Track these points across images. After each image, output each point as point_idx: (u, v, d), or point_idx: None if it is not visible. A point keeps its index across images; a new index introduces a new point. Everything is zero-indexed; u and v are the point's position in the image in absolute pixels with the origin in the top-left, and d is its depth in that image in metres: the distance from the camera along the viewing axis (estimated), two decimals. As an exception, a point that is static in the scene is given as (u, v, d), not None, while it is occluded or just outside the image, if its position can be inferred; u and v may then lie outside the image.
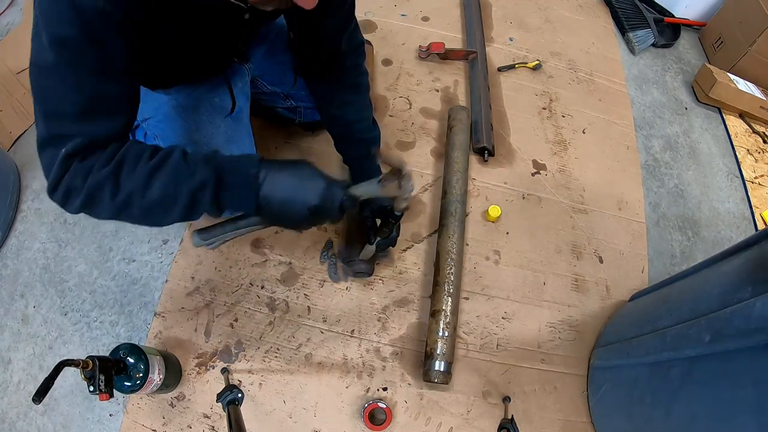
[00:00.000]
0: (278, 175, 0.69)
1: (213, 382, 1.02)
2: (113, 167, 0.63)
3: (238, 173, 0.68)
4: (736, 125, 1.74)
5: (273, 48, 1.11)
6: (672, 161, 1.58)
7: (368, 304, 1.14)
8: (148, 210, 0.65)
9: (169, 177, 0.64)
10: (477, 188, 1.36)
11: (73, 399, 1.01)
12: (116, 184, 0.63)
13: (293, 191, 0.69)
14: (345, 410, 1.03)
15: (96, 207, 0.64)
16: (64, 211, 1.19)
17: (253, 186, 0.68)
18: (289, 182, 0.69)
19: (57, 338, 1.07)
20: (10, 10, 1.63)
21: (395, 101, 1.49)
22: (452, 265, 1.12)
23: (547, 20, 1.84)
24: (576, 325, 1.20)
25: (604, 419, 1.05)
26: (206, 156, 0.68)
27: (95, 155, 0.63)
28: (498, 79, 1.61)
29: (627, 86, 1.72)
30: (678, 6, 1.97)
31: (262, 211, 0.70)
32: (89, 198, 0.63)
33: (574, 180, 1.43)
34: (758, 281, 0.69)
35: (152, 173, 0.64)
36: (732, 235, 1.47)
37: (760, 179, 1.62)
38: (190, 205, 0.66)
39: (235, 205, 0.70)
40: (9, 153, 1.31)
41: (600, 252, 1.32)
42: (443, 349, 1.02)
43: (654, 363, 0.87)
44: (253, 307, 1.11)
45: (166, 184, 0.64)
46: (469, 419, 1.05)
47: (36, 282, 1.13)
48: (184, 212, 0.66)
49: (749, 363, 0.65)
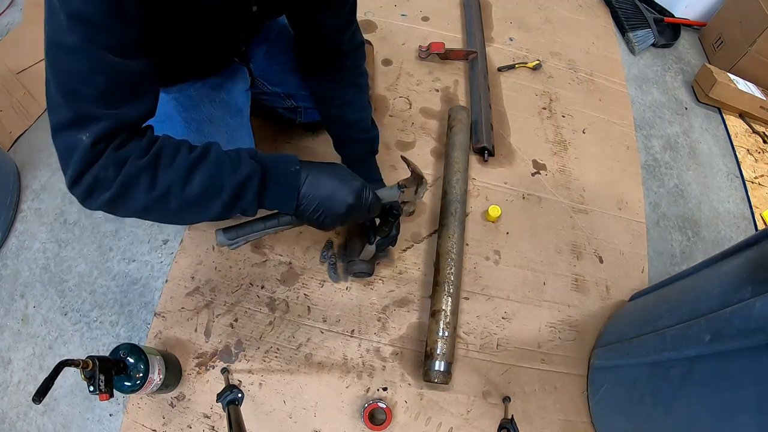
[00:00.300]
0: (319, 175, 0.72)
1: (213, 382, 1.02)
2: (151, 158, 0.60)
3: (281, 170, 0.69)
4: (736, 125, 1.74)
5: (274, 48, 1.11)
6: (672, 161, 1.58)
7: (368, 304, 1.14)
8: (186, 204, 0.63)
9: (212, 170, 0.63)
10: (477, 188, 1.36)
11: (73, 399, 1.01)
12: (154, 176, 0.60)
13: (333, 190, 0.72)
14: (345, 410, 1.03)
15: (128, 200, 0.60)
16: (64, 211, 1.21)
17: (295, 184, 0.70)
18: (330, 181, 0.72)
19: (57, 338, 1.07)
20: (10, 10, 1.63)
21: (395, 101, 1.49)
22: (452, 265, 1.12)
23: (547, 20, 1.84)
24: (576, 325, 1.20)
25: (604, 419, 1.05)
26: (249, 151, 0.68)
27: (130, 144, 0.60)
28: (498, 79, 1.61)
29: (627, 86, 1.72)
30: (678, 6, 1.97)
31: (300, 208, 0.71)
32: (122, 191, 0.59)
33: (574, 180, 1.43)
34: (758, 281, 0.69)
35: (194, 166, 0.62)
36: (732, 235, 1.47)
37: (760, 179, 1.62)
38: (233, 199, 0.65)
39: (275, 202, 0.71)
40: (9, 153, 1.31)
41: (600, 252, 1.32)
42: (443, 349, 1.02)
43: (654, 363, 0.87)
44: (253, 307, 1.11)
45: (208, 177, 0.63)
46: (469, 419, 1.05)
47: (36, 282, 1.13)
48: (224, 207, 0.65)
49: (749, 363, 0.65)
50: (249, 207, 0.68)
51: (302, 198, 0.70)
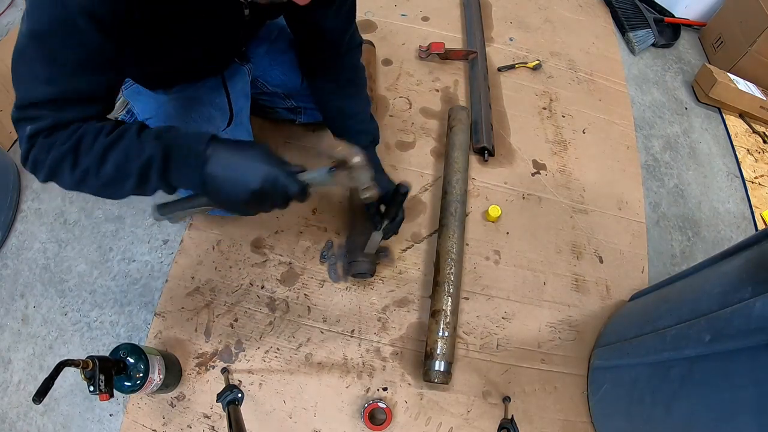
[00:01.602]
0: (224, 154, 0.67)
1: (213, 382, 1.02)
2: (73, 143, 0.64)
3: (185, 149, 0.67)
4: (736, 125, 1.74)
5: (274, 48, 1.11)
6: (672, 161, 1.58)
7: (368, 304, 1.14)
8: (104, 185, 0.67)
9: (121, 153, 0.65)
10: (477, 188, 1.36)
11: (73, 399, 1.01)
12: (75, 159, 0.64)
13: (236, 172, 0.67)
14: (345, 410, 1.03)
15: (58, 179, 0.67)
16: (64, 212, 1.21)
17: (199, 163, 0.66)
18: (233, 162, 0.67)
19: (57, 338, 1.07)
20: (10, 10, 1.63)
21: (395, 101, 1.49)
22: (452, 265, 1.12)
23: (547, 20, 1.84)
24: (576, 325, 1.20)
25: (604, 419, 1.05)
26: (158, 131, 0.68)
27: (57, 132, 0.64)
28: (498, 79, 1.61)
29: (627, 86, 1.72)
30: (678, 6, 1.97)
31: (207, 189, 0.68)
32: (51, 171, 0.65)
33: (574, 180, 1.43)
34: (758, 281, 0.69)
35: (107, 149, 0.65)
36: (732, 235, 1.47)
37: (760, 179, 1.62)
38: (140, 181, 0.67)
39: (182, 182, 0.69)
40: (9, 153, 1.31)
41: (600, 252, 1.32)
42: (443, 349, 1.02)
43: (654, 363, 0.87)
44: (253, 307, 1.11)
45: (118, 161, 0.65)
46: (469, 419, 1.05)
47: (36, 282, 1.13)
48: (135, 188, 0.68)
49: (749, 363, 0.65)
50: (159, 186, 0.69)
51: (206, 177, 0.67)
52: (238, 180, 0.67)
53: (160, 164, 0.66)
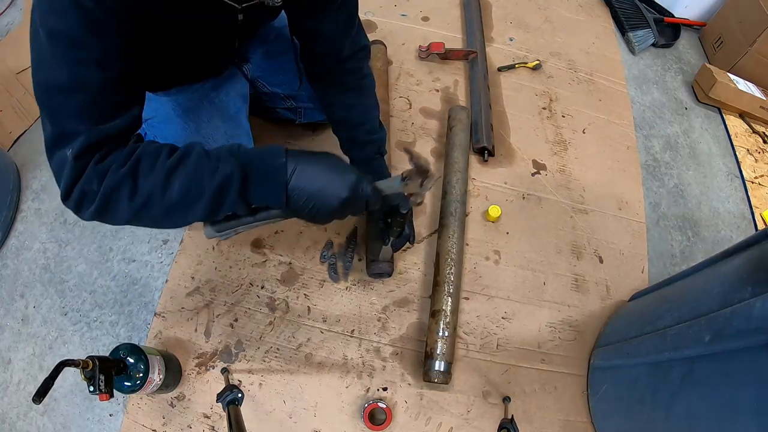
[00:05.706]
0: (308, 167, 0.67)
1: (213, 382, 1.02)
2: (130, 167, 0.60)
3: (265, 165, 0.65)
4: (736, 125, 1.74)
5: (273, 49, 1.11)
6: (672, 161, 1.58)
7: (368, 304, 1.14)
8: (168, 210, 0.63)
9: (190, 174, 0.62)
10: (477, 188, 1.36)
11: (73, 399, 1.01)
12: (134, 184, 0.60)
13: (325, 183, 0.67)
14: (345, 410, 1.03)
15: (112, 211, 0.61)
16: (64, 211, 1.21)
17: (281, 178, 0.65)
18: (318, 173, 0.67)
19: (57, 338, 1.07)
20: (10, 10, 1.63)
21: (395, 101, 1.49)
22: (452, 265, 1.12)
23: (547, 20, 1.84)
24: (576, 325, 1.20)
25: (604, 419, 1.05)
26: (230, 149, 0.65)
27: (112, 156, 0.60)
28: (498, 79, 1.61)
29: (627, 86, 1.72)
30: (678, 6, 1.97)
31: (290, 203, 0.67)
32: (105, 202, 0.60)
33: (574, 180, 1.43)
34: (758, 281, 0.69)
35: (172, 171, 0.61)
36: (732, 235, 1.47)
37: (760, 179, 1.62)
38: (215, 201, 0.64)
39: (262, 199, 0.67)
40: (9, 153, 1.31)
41: (600, 252, 1.32)
42: (443, 349, 1.02)
43: (654, 363, 0.87)
44: (253, 307, 1.11)
45: (188, 182, 0.61)
46: (469, 419, 1.05)
47: (36, 282, 1.13)
48: (208, 210, 0.64)
49: (749, 363, 0.65)
50: (235, 207, 0.66)
51: (291, 192, 0.66)
52: (326, 190, 0.67)
53: (238, 182, 0.63)
